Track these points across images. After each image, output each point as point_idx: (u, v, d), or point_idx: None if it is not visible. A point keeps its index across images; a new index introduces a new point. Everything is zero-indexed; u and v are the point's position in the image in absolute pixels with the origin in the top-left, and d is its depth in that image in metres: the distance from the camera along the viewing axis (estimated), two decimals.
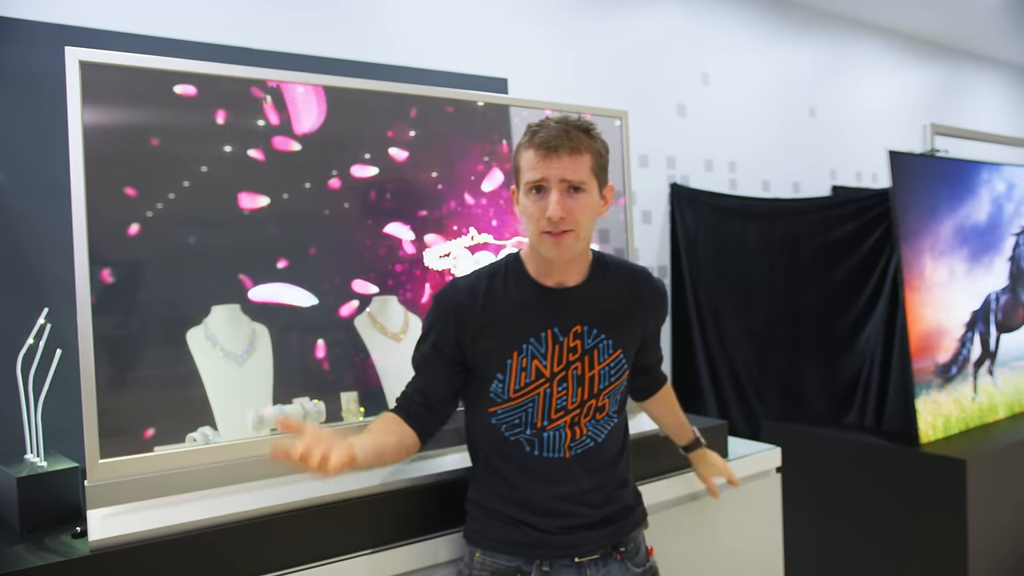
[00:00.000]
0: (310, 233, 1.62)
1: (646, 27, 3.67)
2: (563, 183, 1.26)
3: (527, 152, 1.29)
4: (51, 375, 1.39)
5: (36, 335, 1.45)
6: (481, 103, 1.81)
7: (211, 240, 1.52)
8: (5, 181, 2.07)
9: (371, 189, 1.68)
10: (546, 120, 1.30)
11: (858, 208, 3.06)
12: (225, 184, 1.51)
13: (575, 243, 1.29)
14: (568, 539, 1.35)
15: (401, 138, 1.70)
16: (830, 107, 4.56)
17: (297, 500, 1.38)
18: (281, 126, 1.55)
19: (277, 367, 1.60)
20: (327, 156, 1.62)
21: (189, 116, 1.46)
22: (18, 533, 1.30)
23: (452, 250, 1.73)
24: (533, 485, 1.35)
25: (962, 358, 2.82)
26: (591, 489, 1.38)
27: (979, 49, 5.61)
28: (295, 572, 1.34)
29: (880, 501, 2.65)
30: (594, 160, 1.29)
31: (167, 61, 1.39)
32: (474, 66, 3.03)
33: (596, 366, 1.36)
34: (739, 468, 1.98)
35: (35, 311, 1.99)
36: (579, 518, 1.36)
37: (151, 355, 1.45)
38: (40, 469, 1.35)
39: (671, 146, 3.73)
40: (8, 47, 2.07)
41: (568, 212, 1.26)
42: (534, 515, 1.35)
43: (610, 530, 1.39)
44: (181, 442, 1.45)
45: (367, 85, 1.65)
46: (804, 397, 3.29)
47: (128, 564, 1.21)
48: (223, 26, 2.45)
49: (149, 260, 1.44)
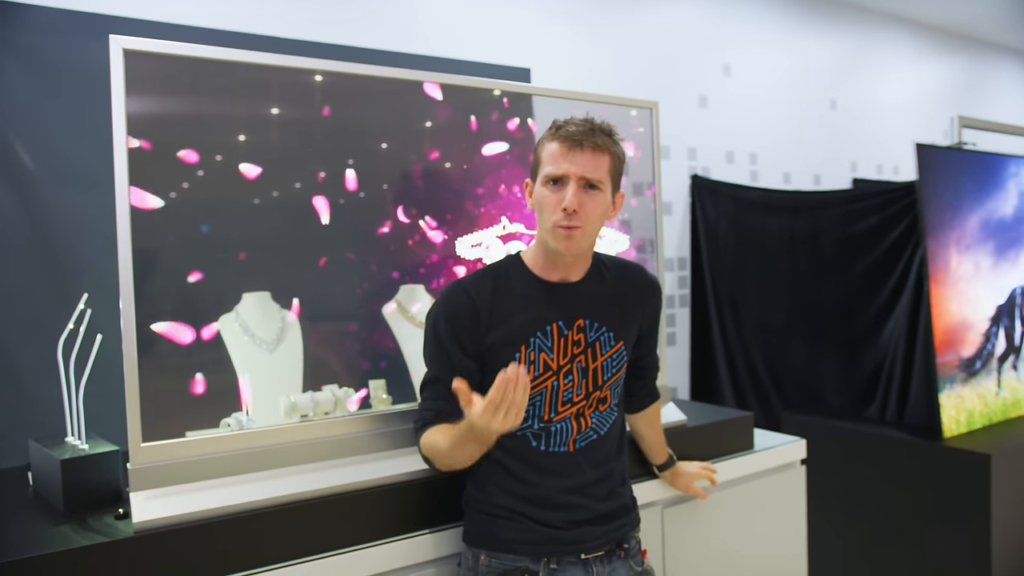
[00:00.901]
0: (341, 221, 1.62)
1: (668, 18, 3.65)
2: (582, 179, 1.29)
3: (550, 144, 1.32)
4: (92, 360, 1.41)
5: (76, 320, 1.47)
6: (519, 92, 1.81)
7: (239, 228, 1.53)
8: (36, 169, 2.09)
9: (402, 178, 1.69)
10: (572, 118, 1.33)
11: (882, 201, 3.04)
12: (252, 171, 1.52)
13: (583, 239, 1.32)
14: (574, 534, 1.36)
15: (433, 127, 1.71)
16: (851, 99, 4.52)
17: (338, 484, 1.41)
18: (309, 114, 1.56)
19: (306, 354, 1.61)
20: (355, 145, 1.62)
21: (224, 105, 1.47)
22: (62, 513, 1.33)
23: (484, 239, 1.74)
24: (540, 478, 1.36)
25: (986, 353, 2.80)
26: (596, 481, 1.39)
27: (1003, 40, 5.54)
28: (335, 555, 1.36)
29: (902, 495, 2.65)
30: (612, 163, 1.33)
31: (213, 50, 1.40)
32: (496, 56, 3.03)
33: (599, 357, 1.40)
34: (763, 460, 1.99)
35: (63, 297, 2.05)
36: (585, 511, 1.37)
37: (183, 340, 1.46)
38: (82, 452, 1.38)
39: (692, 137, 3.72)
40: (34, 35, 2.09)
41: (581, 207, 1.29)
42: (541, 509, 1.36)
43: (614, 526, 1.41)
44: (212, 427, 1.47)
45: (405, 75, 1.65)
46: (823, 391, 3.28)
47: (171, 545, 1.23)
48: (247, 15, 2.46)
49: (180, 245, 1.45)
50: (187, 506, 1.28)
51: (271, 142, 1.55)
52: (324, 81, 1.56)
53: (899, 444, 2.66)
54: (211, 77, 1.44)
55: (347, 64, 1.57)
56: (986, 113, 5.43)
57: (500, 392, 1.14)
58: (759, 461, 1.97)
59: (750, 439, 2.00)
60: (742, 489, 1.94)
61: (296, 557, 1.33)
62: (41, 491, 1.47)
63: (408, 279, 1.72)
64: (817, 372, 3.30)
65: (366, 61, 1.64)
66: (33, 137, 2.08)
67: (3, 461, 1.81)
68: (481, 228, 1.75)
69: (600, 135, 1.31)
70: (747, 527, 1.96)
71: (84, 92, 2.12)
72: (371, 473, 1.47)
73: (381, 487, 1.45)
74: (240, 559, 1.28)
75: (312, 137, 1.59)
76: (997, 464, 2.42)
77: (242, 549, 1.28)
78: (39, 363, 2.03)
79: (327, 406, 1.62)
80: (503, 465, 1.38)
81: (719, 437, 1.94)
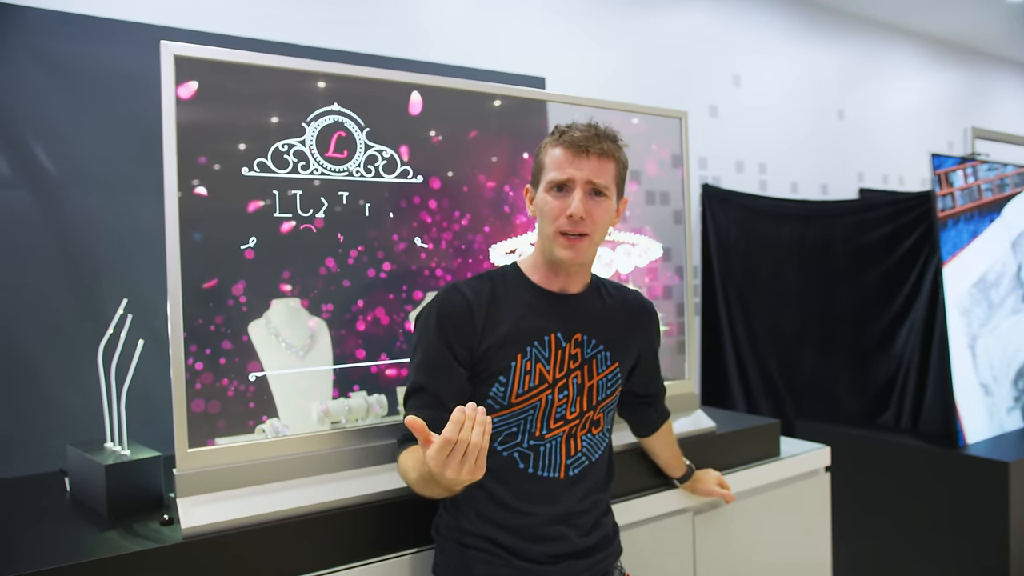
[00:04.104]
0: (371, 229, 1.62)
1: (678, 29, 3.68)
2: (588, 185, 1.26)
3: (554, 150, 1.28)
4: (133, 365, 1.41)
5: (116, 325, 1.47)
6: (552, 101, 1.83)
7: (273, 238, 1.52)
8: (58, 174, 2.09)
9: (433, 186, 1.70)
10: (575, 123, 1.30)
11: (894, 211, 3.07)
12: (291, 180, 1.53)
13: (588, 248, 1.28)
14: (557, 569, 1.28)
15: (467, 135, 1.72)
16: (858, 110, 4.56)
17: (381, 491, 1.41)
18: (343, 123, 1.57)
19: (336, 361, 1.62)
20: (385, 152, 1.63)
21: (260, 108, 1.47)
22: (106, 520, 1.33)
23: (518, 247, 1.75)
24: (526, 505, 1.27)
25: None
26: (582, 512, 1.32)
27: (1007, 52, 5.59)
28: (380, 561, 1.37)
29: (917, 503, 2.66)
30: (618, 169, 1.30)
31: (263, 57, 1.41)
32: (511, 65, 3.05)
33: (595, 376, 1.34)
34: (789, 467, 2.00)
35: (86, 304, 2.05)
36: (568, 544, 1.30)
37: (216, 347, 1.45)
38: (124, 458, 1.37)
39: (703, 147, 3.75)
40: (57, 41, 2.09)
41: (588, 214, 1.25)
42: (523, 541, 1.27)
43: (597, 559, 1.34)
44: (245, 432, 1.46)
45: (450, 84, 1.66)
46: (835, 398, 3.30)
47: (218, 551, 1.23)
48: (264, 20, 2.46)
49: (214, 253, 1.43)
50: (234, 512, 1.28)
51: (298, 148, 1.56)
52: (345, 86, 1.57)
53: (915, 452, 2.67)
54: (254, 83, 1.45)
55: (386, 71, 1.58)
56: (990, 124, 5.48)
57: (455, 431, 0.97)
58: (785, 468, 1.99)
59: (776, 446, 2.01)
60: (769, 496, 1.95)
61: (341, 563, 1.33)
62: (81, 497, 1.47)
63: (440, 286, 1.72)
64: (829, 380, 3.32)
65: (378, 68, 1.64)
66: (54, 142, 2.07)
67: (30, 467, 1.80)
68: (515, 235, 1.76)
69: (606, 141, 1.27)
70: (773, 533, 1.97)
71: (105, 97, 2.12)
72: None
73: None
74: (287, 564, 1.29)
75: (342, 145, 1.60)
76: (1016, 472, 2.43)
77: (288, 554, 1.28)
78: (60, 369, 2.03)
79: (359, 412, 1.63)
80: (485, 489, 1.27)
81: (746, 444, 1.95)
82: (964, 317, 2.73)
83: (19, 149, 2.03)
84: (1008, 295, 2.93)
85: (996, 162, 2.98)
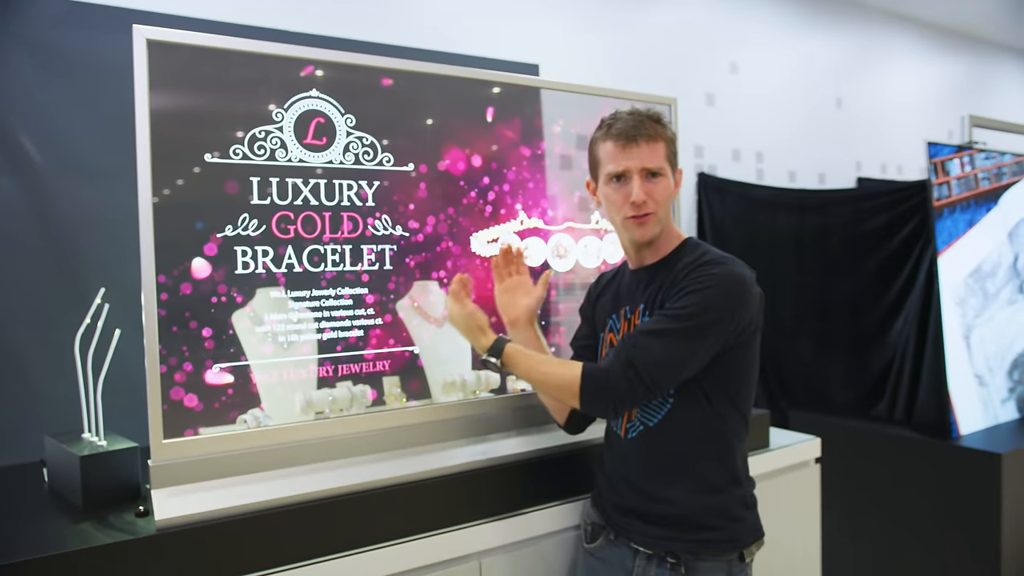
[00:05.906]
0: (354, 216, 1.60)
1: (676, 17, 3.64)
2: (643, 171, 1.34)
3: (605, 144, 1.37)
4: (110, 356, 1.39)
5: (93, 315, 1.45)
6: (548, 88, 1.80)
7: (253, 226, 1.50)
8: (44, 162, 2.07)
9: (417, 173, 1.67)
10: (618, 113, 1.38)
11: (891, 200, 3.04)
12: (272, 168, 1.51)
13: (656, 224, 1.37)
14: (622, 520, 1.40)
15: (451, 123, 1.69)
16: (856, 98, 4.52)
17: (363, 482, 1.39)
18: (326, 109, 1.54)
19: (321, 351, 1.60)
20: (370, 141, 1.61)
21: (244, 99, 1.45)
22: (81, 511, 1.31)
23: (500, 235, 1.72)
24: (606, 458, 1.48)
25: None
26: (633, 471, 1.40)
27: (1007, 40, 5.55)
28: (358, 553, 1.35)
29: (911, 494, 2.65)
30: (667, 147, 1.37)
31: (237, 42, 1.38)
32: (505, 52, 3.01)
33: None
34: (779, 458, 1.98)
35: (70, 293, 2.02)
36: (624, 499, 1.40)
37: (195, 336, 1.43)
38: (100, 448, 1.36)
39: (699, 135, 3.71)
40: (42, 27, 2.06)
41: (649, 196, 1.34)
42: (607, 485, 1.46)
43: (659, 530, 1.34)
44: (225, 423, 1.45)
45: (429, 68, 1.64)
46: (830, 389, 3.28)
47: (193, 543, 1.21)
48: (259, 6, 2.43)
49: (195, 241, 1.42)
50: (209, 504, 1.26)
51: (284, 138, 1.54)
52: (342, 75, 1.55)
53: (908, 443, 2.66)
54: (234, 69, 1.42)
55: (384, 59, 1.56)
56: (989, 113, 5.44)
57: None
58: (775, 460, 1.97)
59: (766, 437, 2.00)
60: (758, 488, 1.92)
61: (318, 556, 1.32)
62: (58, 488, 1.45)
63: (424, 276, 1.70)
64: (824, 370, 3.30)
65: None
66: (41, 131, 2.04)
67: (12, 457, 1.78)
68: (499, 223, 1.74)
69: (650, 124, 1.35)
70: (763, 525, 1.95)
71: (93, 85, 2.09)
72: (399, 471, 1.45)
73: (412, 483, 1.44)
74: (263, 557, 1.27)
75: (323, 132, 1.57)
76: (1008, 464, 2.42)
77: (264, 547, 1.27)
78: (45, 359, 2.00)
79: (343, 403, 1.61)
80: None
81: None
82: (959, 307, 2.71)
83: (3, 137, 2.01)
84: (1004, 285, 2.91)
85: (993, 150, 2.95)
